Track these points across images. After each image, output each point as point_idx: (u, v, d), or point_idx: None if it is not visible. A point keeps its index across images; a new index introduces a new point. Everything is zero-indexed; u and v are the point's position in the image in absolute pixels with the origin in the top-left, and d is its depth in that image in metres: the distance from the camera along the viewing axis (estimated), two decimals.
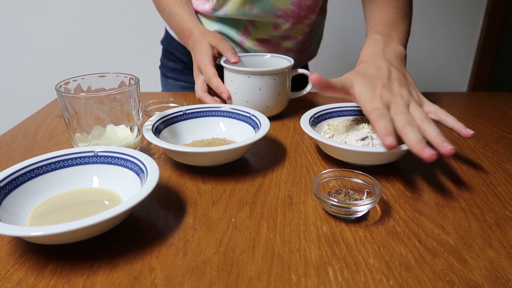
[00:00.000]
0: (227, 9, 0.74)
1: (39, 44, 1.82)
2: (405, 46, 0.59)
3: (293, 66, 0.67)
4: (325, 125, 0.57)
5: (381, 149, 0.45)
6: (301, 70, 0.69)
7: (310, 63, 0.97)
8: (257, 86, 0.63)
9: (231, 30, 0.78)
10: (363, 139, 0.50)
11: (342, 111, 0.59)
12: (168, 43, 0.89)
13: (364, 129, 0.53)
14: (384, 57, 0.54)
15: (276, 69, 0.63)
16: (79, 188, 0.43)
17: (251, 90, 0.63)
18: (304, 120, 0.53)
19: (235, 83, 0.64)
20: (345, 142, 0.50)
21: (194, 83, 0.91)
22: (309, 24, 0.79)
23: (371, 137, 0.51)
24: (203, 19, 0.80)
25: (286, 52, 0.82)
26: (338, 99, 0.77)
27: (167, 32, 0.90)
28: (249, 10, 0.73)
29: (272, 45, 0.80)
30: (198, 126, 0.57)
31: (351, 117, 0.59)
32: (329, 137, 0.54)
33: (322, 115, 0.57)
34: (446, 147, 0.42)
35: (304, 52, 0.87)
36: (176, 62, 0.90)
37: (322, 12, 0.85)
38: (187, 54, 0.86)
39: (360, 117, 0.58)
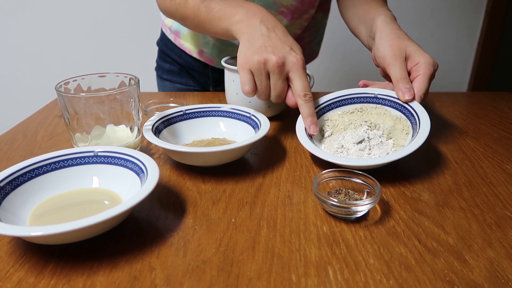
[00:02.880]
0: None
1: (39, 44, 1.82)
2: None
3: None
4: (324, 120, 0.56)
5: (375, 160, 0.45)
6: None
7: (310, 63, 0.97)
8: None
9: None
10: (360, 142, 0.50)
11: (341, 100, 0.58)
12: (164, 44, 0.89)
13: (362, 127, 0.53)
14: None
15: None
16: (79, 188, 0.43)
17: None
18: (300, 126, 0.53)
19: (237, 83, 0.64)
20: (342, 146, 0.50)
21: (190, 86, 0.91)
22: (308, 19, 0.78)
23: (368, 138, 0.51)
24: None
25: None
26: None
27: (163, 34, 0.90)
28: None
29: None
30: (198, 126, 0.57)
31: (350, 108, 0.57)
32: (328, 135, 0.54)
33: (320, 109, 0.57)
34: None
35: (304, 48, 0.86)
36: (172, 64, 0.89)
37: (324, 9, 0.84)
38: (183, 56, 0.86)
39: (359, 106, 0.57)
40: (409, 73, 0.56)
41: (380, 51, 0.58)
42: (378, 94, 0.56)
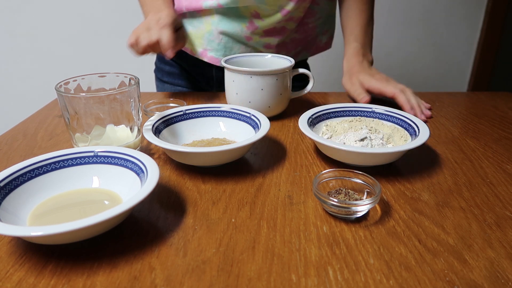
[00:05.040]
0: None
1: (39, 44, 1.82)
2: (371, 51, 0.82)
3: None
4: (323, 126, 0.57)
5: (380, 149, 0.45)
6: (302, 70, 0.70)
7: (310, 62, 0.97)
8: (259, 86, 0.63)
9: (236, 26, 0.77)
10: (362, 140, 0.50)
11: (340, 111, 0.59)
12: None
13: (363, 130, 0.53)
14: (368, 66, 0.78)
15: (278, 69, 0.63)
16: (79, 188, 0.43)
17: (253, 90, 0.63)
18: (303, 121, 0.53)
19: (237, 83, 0.64)
20: (344, 143, 0.50)
21: (191, 88, 0.91)
22: (310, 1, 0.79)
23: (370, 137, 0.51)
24: (205, 18, 0.79)
25: (290, 34, 0.81)
26: (339, 100, 0.77)
27: None
28: None
29: (278, 31, 0.79)
30: (198, 126, 0.57)
31: (349, 118, 0.59)
32: (327, 138, 0.54)
33: (320, 115, 0.57)
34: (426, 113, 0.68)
35: (308, 34, 0.86)
36: (173, 66, 0.88)
37: None
38: (184, 57, 0.86)
39: (357, 117, 0.58)
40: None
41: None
42: (375, 108, 0.59)
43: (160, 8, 0.72)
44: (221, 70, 0.86)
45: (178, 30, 0.71)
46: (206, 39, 0.80)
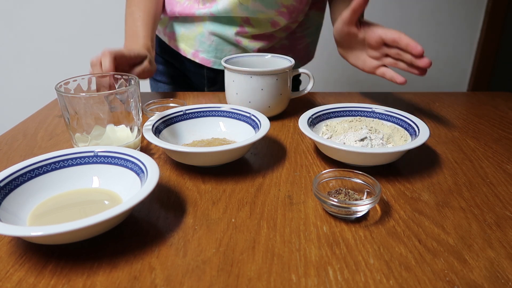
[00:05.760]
0: (227, 3, 0.74)
1: (39, 44, 1.82)
2: None
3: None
4: (323, 126, 0.57)
5: (380, 149, 0.45)
6: (302, 70, 0.70)
7: (311, 62, 0.97)
8: (259, 86, 0.63)
9: (227, 29, 0.78)
10: (362, 140, 0.50)
11: (340, 111, 0.59)
12: (158, 45, 0.88)
13: (363, 130, 0.53)
14: None
15: (278, 69, 0.63)
16: (79, 188, 0.43)
17: (253, 90, 0.63)
18: (303, 121, 0.53)
19: (237, 83, 0.64)
20: (344, 143, 0.50)
21: (184, 88, 0.92)
22: (302, 16, 0.80)
23: (370, 137, 0.51)
24: (197, 23, 0.80)
25: (280, 41, 0.82)
26: (339, 100, 0.77)
27: (155, 35, 0.90)
28: (252, 6, 0.73)
29: (267, 37, 0.80)
30: (198, 126, 0.57)
31: (349, 118, 0.59)
32: (327, 138, 0.54)
33: (320, 115, 0.57)
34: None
35: (297, 43, 0.87)
36: (166, 65, 0.89)
37: (318, 7, 0.84)
38: (177, 57, 0.86)
39: (357, 117, 0.58)
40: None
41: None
42: (375, 108, 0.59)
43: (137, 35, 0.72)
44: (212, 70, 0.86)
45: (149, 62, 0.69)
46: (198, 40, 0.81)
